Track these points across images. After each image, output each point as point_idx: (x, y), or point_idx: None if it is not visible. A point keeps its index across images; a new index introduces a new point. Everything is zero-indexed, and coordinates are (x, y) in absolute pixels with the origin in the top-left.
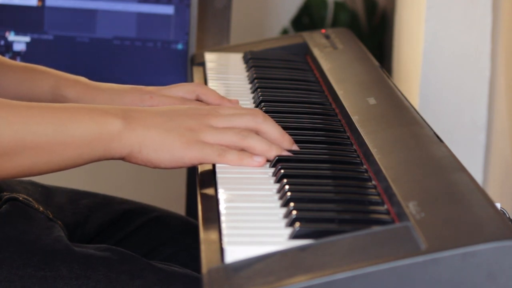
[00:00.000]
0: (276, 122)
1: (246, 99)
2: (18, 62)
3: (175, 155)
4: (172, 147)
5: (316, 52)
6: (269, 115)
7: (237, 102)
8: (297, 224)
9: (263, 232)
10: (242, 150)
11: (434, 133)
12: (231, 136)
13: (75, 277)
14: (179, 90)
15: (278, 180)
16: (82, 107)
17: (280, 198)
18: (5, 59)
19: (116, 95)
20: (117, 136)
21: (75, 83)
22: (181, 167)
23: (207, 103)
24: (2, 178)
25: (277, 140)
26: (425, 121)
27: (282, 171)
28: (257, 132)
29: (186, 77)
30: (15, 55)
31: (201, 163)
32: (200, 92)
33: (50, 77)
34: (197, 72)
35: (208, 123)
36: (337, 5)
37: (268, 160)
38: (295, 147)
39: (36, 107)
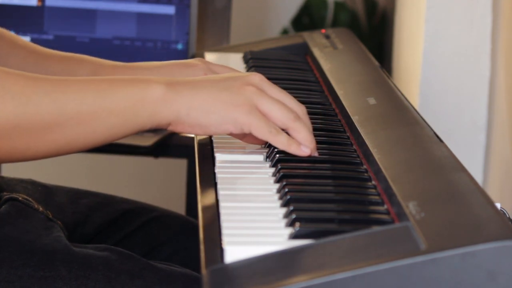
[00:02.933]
0: None
1: None
2: (56, 52)
3: (227, 116)
4: (224, 109)
5: (316, 52)
6: None
7: None
8: (297, 224)
9: (263, 232)
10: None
11: (434, 133)
12: (284, 112)
13: (74, 277)
14: (226, 69)
15: (278, 180)
16: (123, 77)
17: (280, 198)
18: (44, 49)
19: (164, 72)
20: (161, 99)
21: (114, 69)
22: (230, 133)
23: None
24: (49, 155)
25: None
26: (425, 121)
27: (282, 171)
28: None
29: None
30: None
31: (248, 132)
32: None
33: (87, 65)
34: None
35: (261, 87)
36: (337, 5)
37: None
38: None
39: (74, 80)
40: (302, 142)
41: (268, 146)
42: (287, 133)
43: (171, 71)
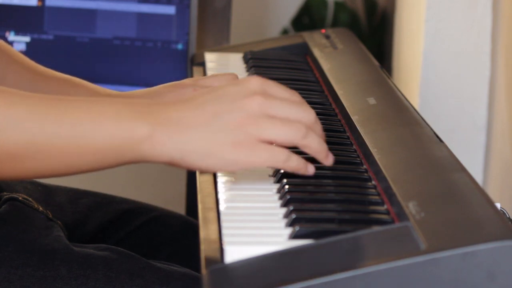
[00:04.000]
0: None
1: None
2: (54, 72)
3: (226, 161)
4: (222, 153)
5: (316, 52)
6: None
7: None
8: (297, 224)
9: (263, 232)
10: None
11: (434, 133)
12: (290, 132)
13: (74, 277)
14: (215, 80)
15: (278, 180)
16: (106, 104)
17: (280, 198)
18: (42, 68)
19: (156, 97)
20: (147, 141)
21: (108, 97)
22: (234, 171)
23: None
24: (16, 179)
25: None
26: (425, 121)
27: (282, 171)
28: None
29: (186, 77)
30: None
31: (260, 166)
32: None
33: (83, 91)
34: (197, 72)
35: (259, 111)
36: (337, 5)
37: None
38: (331, 158)
39: (55, 102)
40: (316, 155)
41: None
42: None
43: (162, 95)
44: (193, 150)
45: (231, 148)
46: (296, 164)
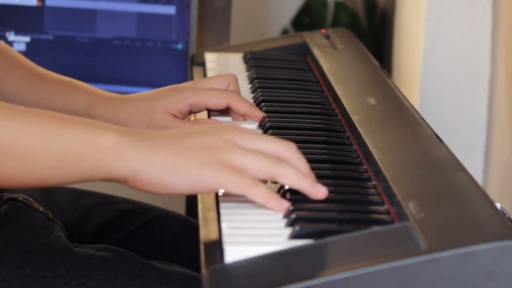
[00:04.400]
0: (276, 122)
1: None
2: (54, 75)
3: (192, 176)
4: (189, 168)
5: (316, 52)
6: (269, 115)
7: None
8: (297, 224)
9: (263, 232)
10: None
11: (434, 133)
12: (260, 160)
13: (74, 277)
14: (214, 81)
15: None
16: (79, 119)
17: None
18: (43, 70)
19: (156, 100)
20: (112, 150)
21: (108, 102)
22: (199, 193)
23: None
24: None
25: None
26: (425, 121)
27: None
28: None
29: (186, 77)
30: None
31: (221, 189)
32: (232, 82)
33: (83, 94)
34: (197, 72)
35: (232, 140)
36: (337, 5)
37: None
38: (320, 187)
39: (24, 110)
40: (292, 185)
41: None
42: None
43: (162, 98)
44: (158, 162)
45: (199, 165)
46: (265, 193)
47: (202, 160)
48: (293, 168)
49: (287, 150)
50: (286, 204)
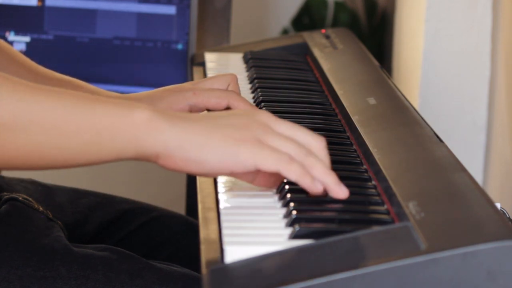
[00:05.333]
0: None
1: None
2: (54, 73)
3: (227, 151)
4: (223, 141)
5: (316, 52)
6: None
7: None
8: (297, 224)
9: (263, 232)
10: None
11: (434, 133)
12: (294, 147)
13: (74, 277)
14: (214, 82)
15: None
16: (109, 98)
17: (280, 198)
18: (42, 69)
19: (156, 99)
20: (145, 124)
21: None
22: (230, 172)
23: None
24: (6, 165)
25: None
26: (425, 121)
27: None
28: None
29: (186, 77)
30: None
31: (255, 168)
32: (232, 82)
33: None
34: (197, 72)
35: (267, 123)
36: (337, 5)
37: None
38: (343, 187)
39: (52, 89)
40: (317, 177)
41: None
42: None
43: (162, 99)
44: (193, 137)
45: (234, 141)
46: (299, 171)
47: (238, 136)
48: (321, 162)
49: (317, 144)
50: (319, 186)
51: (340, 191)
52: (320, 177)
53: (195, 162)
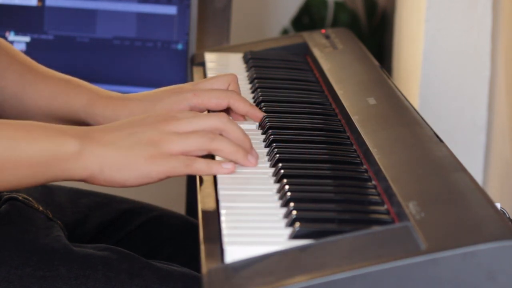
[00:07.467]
0: (276, 122)
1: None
2: (54, 73)
3: (140, 172)
4: (136, 165)
5: (316, 52)
6: (269, 115)
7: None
8: (297, 224)
9: (263, 232)
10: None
11: (434, 133)
12: (196, 140)
13: (74, 277)
14: (214, 82)
15: (278, 180)
16: (40, 126)
17: (280, 198)
18: (43, 68)
19: (157, 100)
20: (74, 156)
21: (108, 101)
22: (149, 183)
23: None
24: None
25: (241, 141)
26: (425, 121)
27: (282, 171)
28: (221, 133)
29: (186, 77)
30: None
31: (169, 177)
32: (232, 82)
33: (84, 93)
34: (197, 72)
35: (169, 130)
36: (337, 5)
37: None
38: (254, 152)
39: None
40: (227, 158)
41: (268, 146)
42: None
43: (161, 100)
44: (111, 162)
45: (144, 161)
46: (204, 166)
47: (146, 154)
48: (227, 142)
49: (219, 121)
50: (228, 166)
51: (249, 164)
52: (228, 157)
53: (117, 182)
